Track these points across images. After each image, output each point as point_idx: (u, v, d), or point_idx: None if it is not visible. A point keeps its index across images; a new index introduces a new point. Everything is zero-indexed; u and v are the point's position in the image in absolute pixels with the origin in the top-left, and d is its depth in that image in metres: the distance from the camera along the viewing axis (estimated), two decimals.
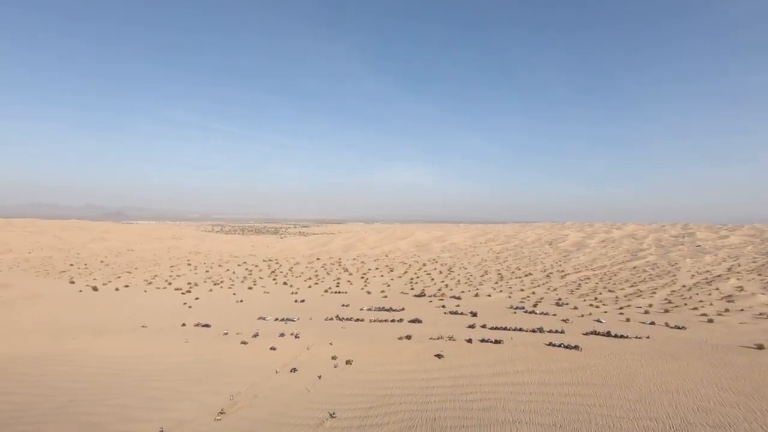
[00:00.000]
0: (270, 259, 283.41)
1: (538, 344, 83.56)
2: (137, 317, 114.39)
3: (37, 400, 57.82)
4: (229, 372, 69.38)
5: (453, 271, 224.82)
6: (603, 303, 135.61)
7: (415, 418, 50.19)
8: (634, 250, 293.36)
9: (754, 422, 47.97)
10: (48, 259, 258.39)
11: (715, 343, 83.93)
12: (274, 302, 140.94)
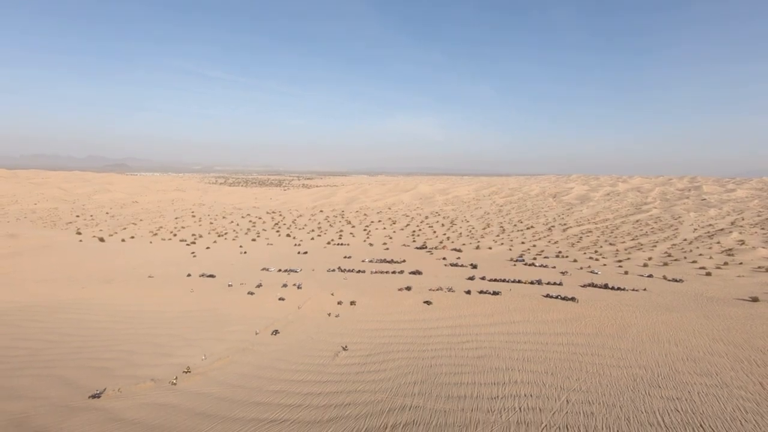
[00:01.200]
0: (273, 211, 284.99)
1: (536, 296, 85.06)
2: (143, 268, 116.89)
3: (49, 345, 60.26)
4: (233, 321, 71.56)
5: (455, 224, 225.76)
6: (603, 256, 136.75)
7: (411, 365, 52.03)
8: (638, 204, 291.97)
9: (740, 371, 49.37)
10: (54, 211, 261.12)
11: (711, 295, 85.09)
12: (277, 254, 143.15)
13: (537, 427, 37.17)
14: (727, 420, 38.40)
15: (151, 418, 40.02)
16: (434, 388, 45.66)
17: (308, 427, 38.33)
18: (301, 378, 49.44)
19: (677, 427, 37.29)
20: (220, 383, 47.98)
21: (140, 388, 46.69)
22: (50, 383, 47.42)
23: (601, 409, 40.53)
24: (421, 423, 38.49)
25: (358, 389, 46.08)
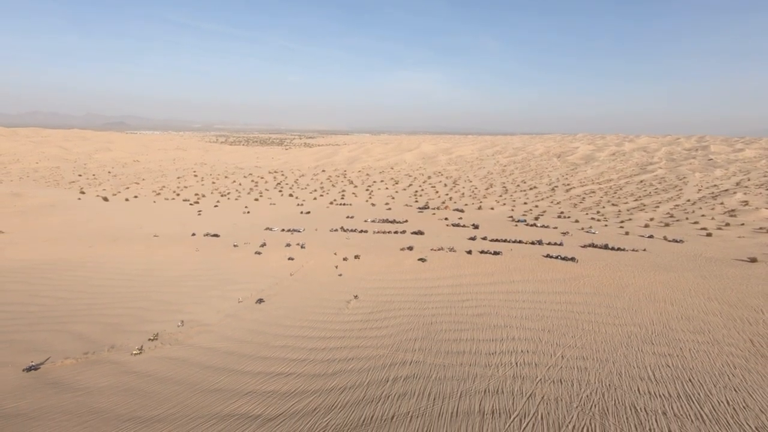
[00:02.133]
0: (275, 170, 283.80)
1: (536, 256, 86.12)
2: (148, 227, 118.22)
3: (61, 302, 62.16)
4: (238, 279, 73.18)
5: (458, 184, 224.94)
6: (605, 217, 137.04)
7: (412, 323, 53.65)
8: (644, 164, 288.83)
9: (732, 329, 50.76)
10: (56, 170, 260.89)
11: (710, 256, 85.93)
12: (280, 213, 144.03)
13: (532, 381, 38.80)
14: (716, 374, 39.92)
15: (163, 370, 41.92)
16: (434, 344, 47.32)
17: (313, 380, 40.13)
18: (306, 334, 51.20)
19: (667, 381, 38.85)
20: (227, 339, 49.80)
21: (152, 343, 48.55)
22: (64, 338, 49.32)
23: (595, 364, 42.10)
24: (421, 376, 40.21)
25: (361, 345, 47.80)
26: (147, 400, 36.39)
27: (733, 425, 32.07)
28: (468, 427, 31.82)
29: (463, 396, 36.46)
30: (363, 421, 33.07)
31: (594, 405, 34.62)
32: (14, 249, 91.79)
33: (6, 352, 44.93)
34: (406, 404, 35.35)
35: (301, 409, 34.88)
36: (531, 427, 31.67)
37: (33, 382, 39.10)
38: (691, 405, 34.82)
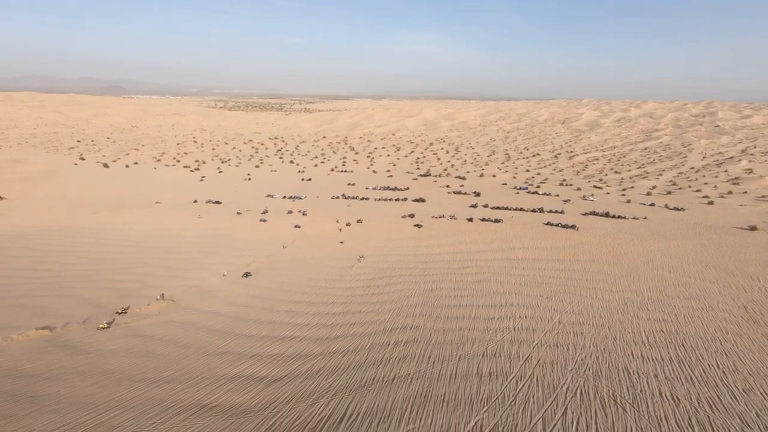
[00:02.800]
0: (275, 137, 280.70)
1: (537, 223, 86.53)
2: (150, 193, 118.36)
3: (68, 268, 63.18)
4: (241, 245, 73.98)
5: (460, 151, 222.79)
6: (607, 184, 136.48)
7: (413, 289, 54.67)
8: (649, 131, 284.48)
9: (728, 295, 51.71)
10: (54, 135, 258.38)
11: (710, 224, 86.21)
12: (281, 181, 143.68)
13: (529, 345, 39.97)
14: (708, 339, 41.03)
15: (171, 334, 43.19)
16: (434, 310, 48.42)
17: (317, 343, 41.38)
18: (309, 299, 52.31)
19: (660, 345, 39.99)
20: (232, 304, 50.95)
21: (158, 308, 49.73)
22: (73, 303, 50.50)
23: (591, 329, 43.21)
24: (421, 340, 41.41)
25: (363, 310, 48.94)
26: (156, 362, 37.72)
27: (721, 387, 33.28)
28: (466, 389, 33.09)
29: (462, 359, 37.68)
30: (365, 382, 34.37)
31: (588, 368, 35.81)
32: (18, 215, 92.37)
33: (18, 316, 46.15)
34: (407, 367, 36.61)
35: (305, 371, 36.18)
36: (527, 389, 32.92)
37: (46, 345, 40.41)
38: (682, 368, 36.00)
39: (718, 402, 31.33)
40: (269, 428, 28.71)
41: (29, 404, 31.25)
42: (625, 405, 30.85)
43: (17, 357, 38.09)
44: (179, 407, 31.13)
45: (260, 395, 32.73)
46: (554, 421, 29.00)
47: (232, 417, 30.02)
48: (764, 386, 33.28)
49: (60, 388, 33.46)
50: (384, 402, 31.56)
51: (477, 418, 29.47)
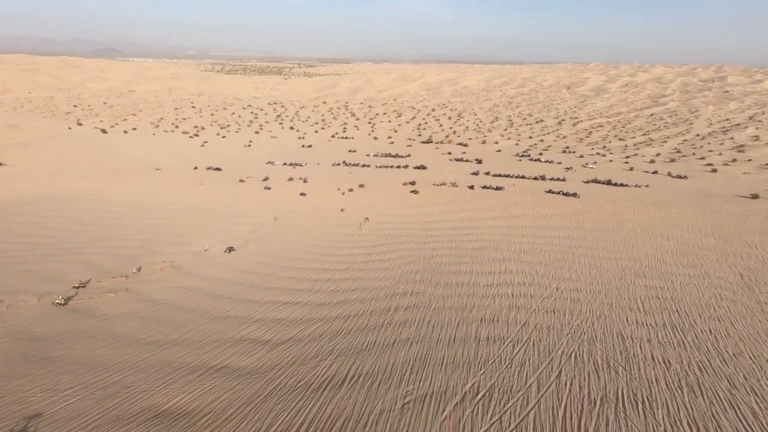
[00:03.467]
0: (275, 102, 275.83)
1: (538, 191, 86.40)
2: (150, 160, 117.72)
3: (71, 234, 63.80)
4: (242, 212, 74.32)
5: (462, 117, 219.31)
6: (610, 152, 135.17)
7: (413, 256, 55.34)
8: (656, 96, 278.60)
9: (725, 263, 52.33)
10: (50, 100, 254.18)
11: (712, 192, 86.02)
12: (281, 147, 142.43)
13: (527, 311, 40.90)
14: (702, 306, 41.90)
15: (176, 299, 44.18)
16: (434, 277, 49.23)
17: (319, 308, 42.37)
18: (310, 266, 53.11)
19: (655, 311, 40.89)
20: (235, 270, 51.79)
21: (163, 274, 50.61)
22: (78, 268, 51.33)
23: (588, 295, 44.06)
24: (421, 306, 42.36)
25: (364, 277, 49.78)
26: (163, 326, 38.80)
27: (712, 351, 34.30)
28: (464, 352, 34.16)
29: (461, 324, 38.69)
30: (366, 346, 35.46)
31: (583, 333, 36.80)
32: (20, 182, 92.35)
33: (25, 281, 47.06)
34: (407, 331, 37.66)
35: (308, 335, 37.26)
36: (523, 352, 33.97)
37: (55, 309, 41.45)
38: (675, 333, 36.98)
39: (708, 365, 32.38)
40: (275, 388, 29.89)
41: (43, 365, 32.43)
42: (617, 368, 31.91)
43: (28, 321, 39.17)
44: (187, 368, 32.30)
45: (265, 357, 33.87)
46: (549, 383, 30.11)
47: (238, 378, 31.19)
48: (754, 350, 34.29)
49: (72, 350, 34.61)
50: (385, 364, 32.67)
51: (474, 379, 30.59)
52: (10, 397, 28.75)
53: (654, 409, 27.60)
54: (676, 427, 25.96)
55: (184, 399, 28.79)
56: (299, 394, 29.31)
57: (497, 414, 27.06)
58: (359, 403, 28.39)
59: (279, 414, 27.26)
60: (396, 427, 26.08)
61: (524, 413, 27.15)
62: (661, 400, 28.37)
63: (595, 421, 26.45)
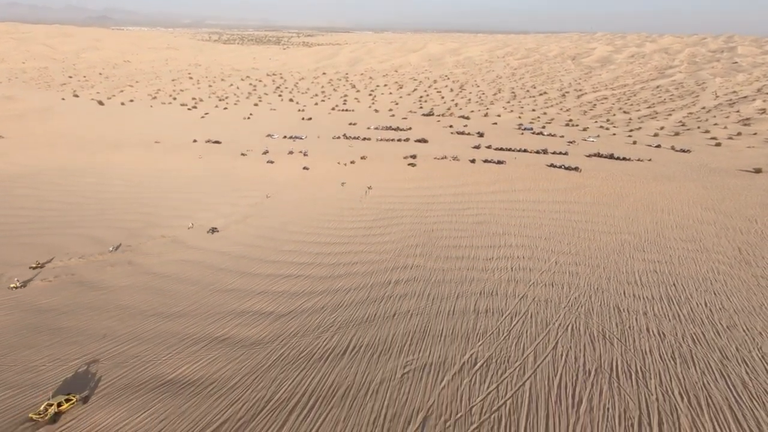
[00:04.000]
0: (274, 73, 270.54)
1: (540, 165, 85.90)
2: (149, 133, 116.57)
3: (73, 207, 63.94)
4: (243, 186, 74.21)
5: (465, 88, 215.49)
6: (614, 125, 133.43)
7: (414, 230, 55.57)
8: (663, 67, 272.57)
9: (723, 237, 52.55)
10: (44, 70, 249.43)
11: (715, 166, 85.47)
12: (280, 119, 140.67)
13: (525, 284, 41.40)
14: (699, 280, 42.35)
15: (179, 272, 44.70)
16: (434, 250, 49.58)
17: (320, 281, 42.91)
18: (311, 240, 53.42)
19: (652, 285, 41.38)
20: (237, 243, 52.15)
21: (165, 247, 50.99)
22: (81, 241, 51.71)
23: (586, 269, 44.48)
24: (421, 279, 42.87)
25: (365, 250, 50.14)
26: (167, 298, 39.42)
27: (706, 324, 34.91)
28: (463, 324, 34.81)
29: (460, 297, 39.26)
30: (367, 318, 36.12)
31: (581, 306, 37.37)
32: (18, 154, 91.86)
33: (28, 254, 47.45)
34: (407, 304, 38.26)
35: (310, 307, 37.89)
36: (521, 325, 34.61)
37: (59, 282, 42.03)
38: (671, 306, 37.54)
39: (701, 337, 33.03)
40: (278, 358, 30.65)
41: (50, 336, 33.15)
42: (612, 340, 32.58)
43: (34, 293, 39.78)
44: (192, 339, 33.02)
45: (268, 329, 34.56)
46: (545, 354, 30.82)
47: (242, 348, 31.93)
48: (747, 323, 34.89)
49: (78, 322, 35.31)
50: (385, 336, 33.37)
51: (472, 350, 31.30)
52: (20, 366, 29.54)
53: (647, 379, 28.34)
54: (667, 396, 26.74)
55: (190, 368, 29.57)
56: (302, 364, 30.07)
57: (494, 383, 27.83)
58: (360, 372, 29.16)
59: (282, 383, 28.05)
60: (396, 395, 26.88)
61: (520, 383, 27.92)
62: (654, 371, 29.10)
63: (589, 391, 27.23)
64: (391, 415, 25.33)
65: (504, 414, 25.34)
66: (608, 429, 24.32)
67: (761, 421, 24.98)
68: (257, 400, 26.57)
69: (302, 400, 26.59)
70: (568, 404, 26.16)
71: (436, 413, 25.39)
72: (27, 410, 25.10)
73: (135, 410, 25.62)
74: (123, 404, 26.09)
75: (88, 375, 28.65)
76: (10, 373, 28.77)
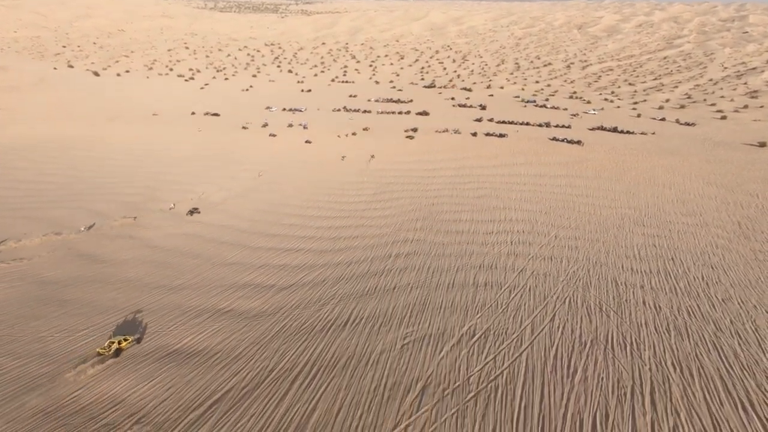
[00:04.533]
0: (272, 43, 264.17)
1: (542, 138, 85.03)
2: (146, 105, 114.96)
3: (73, 181, 63.79)
4: (243, 160, 73.75)
5: (467, 59, 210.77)
6: (619, 97, 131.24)
7: (414, 204, 55.58)
8: (671, 37, 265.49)
9: (724, 212, 52.58)
10: (37, 40, 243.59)
11: (719, 140, 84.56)
12: (279, 91, 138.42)
13: (525, 258, 41.74)
14: (698, 254, 42.65)
15: (181, 245, 45.03)
16: (435, 224, 49.74)
17: (321, 255, 43.26)
18: (312, 213, 53.52)
19: (651, 258, 41.71)
20: (238, 217, 52.30)
21: (166, 221, 51.17)
22: (83, 215, 51.85)
23: (585, 243, 44.73)
24: (421, 253, 43.20)
25: (365, 224, 50.30)
26: (170, 271, 39.88)
27: (702, 297, 35.40)
28: (462, 297, 35.33)
29: (460, 270, 39.67)
30: (367, 290, 36.62)
31: (579, 279, 37.80)
32: (15, 127, 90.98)
33: (29, 228, 47.72)
34: (407, 277, 38.71)
35: (311, 280, 38.37)
36: (519, 297, 35.12)
37: (63, 255, 42.43)
38: (668, 280, 37.96)
39: (696, 310, 33.56)
40: (280, 330, 31.30)
41: (57, 308, 33.76)
42: (609, 312, 33.13)
43: (39, 266, 40.24)
44: (196, 311, 33.63)
45: (270, 301, 35.13)
46: (542, 326, 31.42)
47: (245, 320, 32.56)
48: (743, 296, 35.38)
49: (83, 294, 35.87)
50: (385, 308, 33.94)
51: (471, 322, 31.90)
52: (29, 336, 30.23)
53: (641, 350, 28.99)
54: (660, 367, 27.42)
55: (194, 339, 30.25)
56: (304, 335, 30.73)
57: (491, 354, 28.50)
58: (361, 343, 29.83)
59: (285, 353, 28.75)
60: (396, 365, 27.60)
61: (517, 354, 28.59)
62: (649, 342, 29.73)
63: (584, 361, 27.91)
64: (391, 384, 26.08)
65: (501, 383, 26.08)
66: (601, 397, 25.08)
67: (750, 390, 25.71)
68: (261, 369, 27.31)
69: (304, 369, 27.33)
70: (564, 374, 26.88)
71: (435, 382, 26.13)
72: (38, 379, 25.93)
73: (142, 379, 26.41)
74: (130, 373, 26.87)
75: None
76: (20, 344, 29.48)
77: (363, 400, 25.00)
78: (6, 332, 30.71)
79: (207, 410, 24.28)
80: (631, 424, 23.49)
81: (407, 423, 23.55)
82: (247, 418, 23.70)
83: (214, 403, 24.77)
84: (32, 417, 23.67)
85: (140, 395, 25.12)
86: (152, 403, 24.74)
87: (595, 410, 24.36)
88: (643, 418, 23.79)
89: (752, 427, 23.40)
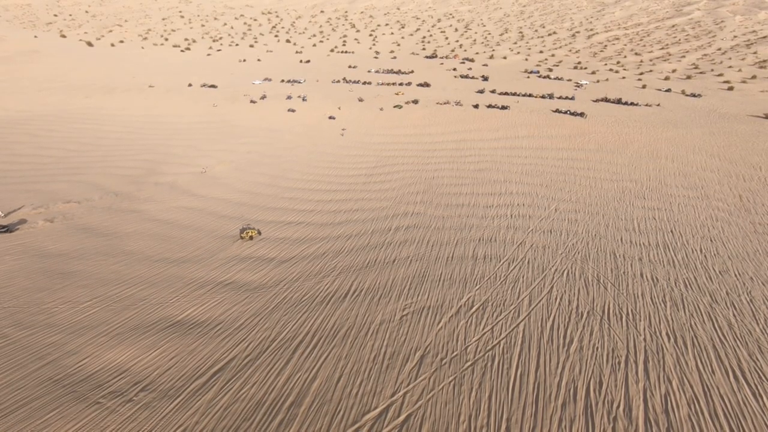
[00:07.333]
0: (269, 11, 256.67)
1: (545, 110, 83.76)
2: (142, 76, 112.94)
3: (72, 154, 63.46)
4: (242, 132, 73.02)
5: (470, 28, 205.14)
6: (624, 68, 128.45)
7: (414, 177, 55.36)
8: (680, 4, 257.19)
9: (726, 185, 52.36)
10: (27, 8, 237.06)
11: (724, 111, 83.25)
12: (277, 62, 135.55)
13: (524, 231, 41.88)
14: (697, 227, 42.74)
15: (181, 219, 45.18)
16: (435, 198, 49.70)
17: (321, 228, 43.44)
18: (312, 187, 53.43)
19: (650, 231, 41.84)
20: (238, 191, 52.25)
21: (167, 194, 51.17)
22: (83, 188, 51.86)
23: (585, 216, 44.78)
24: (421, 226, 43.34)
25: (365, 198, 50.28)
26: (171, 244, 40.16)
27: (699, 269, 35.69)
28: (461, 269, 35.66)
29: (459, 243, 39.88)
30: (367, 263, 36.94)
31: (578, 252, 38.03)
32: (11, 99, 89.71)
33: (30, 202, 47.80)
34: (407, 250, 38.96)
35: (311, 253, 38.66)
36: (517, 270, 35.44)
37: (65, 228, 42.64)
38: (666, 252, 38.18)
39: (693, 282, 33.90)
40: (281, 301, 31.77)
41: (60, 280, 34.18)
42: (606, 284, 33.48)
43: (41, 238, 40.51)
44: (198, 283, 34.05)
45: (271, 274, 35.50)
46: (540, 298, 31.83)
47: (247, 292, 33.00)
48: (740, 268, 35.65)
49: (86, 266, 36.25)
50: (385, 280, 34.31)
51: (469, 294, 32.31)
52: (34, 308, 30.74)
53: (637, 321, 29.46)
54: (655, 337, 27.94)
55: (197, 311, 30.76)
56: (304, 306, 31.20)
57: (489, 325, 29.00)
58: (360, 314, 30.32)
59: (286, 324, 29.28)
60: (395, 335, 28.14)
61: (514, 324, 29.08)
62: (645, 313, 30.18)
63: (580, 332, 28.41)
64: (390, 353, 26.66)
65: (498, 353, 26.65)
66: (596, 366, 25.67)
67: (742, 359, 26.26)
68: (263, 339, 27.89)
69: (305, 339, 27.89)
70: (559, 344, 27.42)
71: (433, 352, 26.71)
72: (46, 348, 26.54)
73: (146, 348, 27.01)
74: (134, 343, 27.46)
75: (99, 316, 29.84)
76: (26, 314, 30.01)
77: (363, 368, 25.63)
78: (11, 303, 31.24)
79: (210, 378, 24.95)
80: (624, 391, 24.13)
81: (405, 390, 24.22)
82: (249, 386, 24.37)
83: (218, 371, 25.41)
84: (40, 385, 24.37)
85: (145, 364, 25.75)
86: (157, 371, 25.40)
87: (589, 378, 24.98)
88: (636, 386, 24.43)
89: (742, 393, 24.05)
